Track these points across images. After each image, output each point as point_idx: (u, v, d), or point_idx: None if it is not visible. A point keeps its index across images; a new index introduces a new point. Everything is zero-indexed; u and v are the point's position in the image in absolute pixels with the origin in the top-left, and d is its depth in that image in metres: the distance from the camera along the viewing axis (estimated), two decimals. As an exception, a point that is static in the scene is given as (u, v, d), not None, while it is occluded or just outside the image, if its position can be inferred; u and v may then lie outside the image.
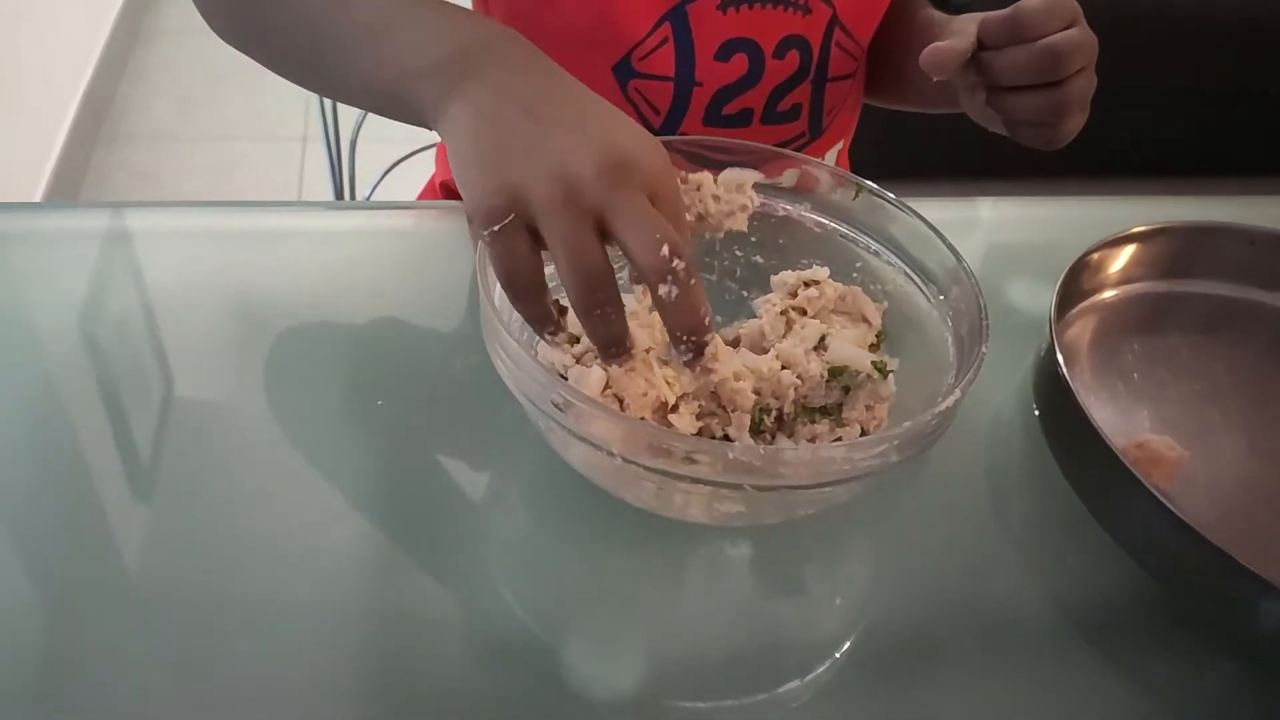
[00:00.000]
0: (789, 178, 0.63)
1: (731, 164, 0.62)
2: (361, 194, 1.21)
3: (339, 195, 1.17)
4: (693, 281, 0.44)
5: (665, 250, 0.43)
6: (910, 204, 0.60)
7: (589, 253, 0.43)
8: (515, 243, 0.44)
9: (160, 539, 0.53)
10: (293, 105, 2.19)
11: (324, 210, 0.84)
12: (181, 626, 0.50)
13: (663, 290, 0.44)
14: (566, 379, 0.53)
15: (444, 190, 0.91)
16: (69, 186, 2.02)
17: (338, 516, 0.55)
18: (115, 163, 2.15)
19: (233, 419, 0.59)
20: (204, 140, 2.23)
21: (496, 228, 0.44)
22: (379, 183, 1.16)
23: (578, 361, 0.53)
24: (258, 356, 0.63)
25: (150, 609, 0.51)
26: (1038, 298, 0.65)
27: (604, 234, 0.44)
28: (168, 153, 2.20)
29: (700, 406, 0.54)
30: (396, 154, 1.16)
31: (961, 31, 0.63)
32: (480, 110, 0.47)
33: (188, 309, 0.66)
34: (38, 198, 1.88)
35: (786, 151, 0.62)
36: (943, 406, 0.47)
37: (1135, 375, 0.67)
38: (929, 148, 1.63)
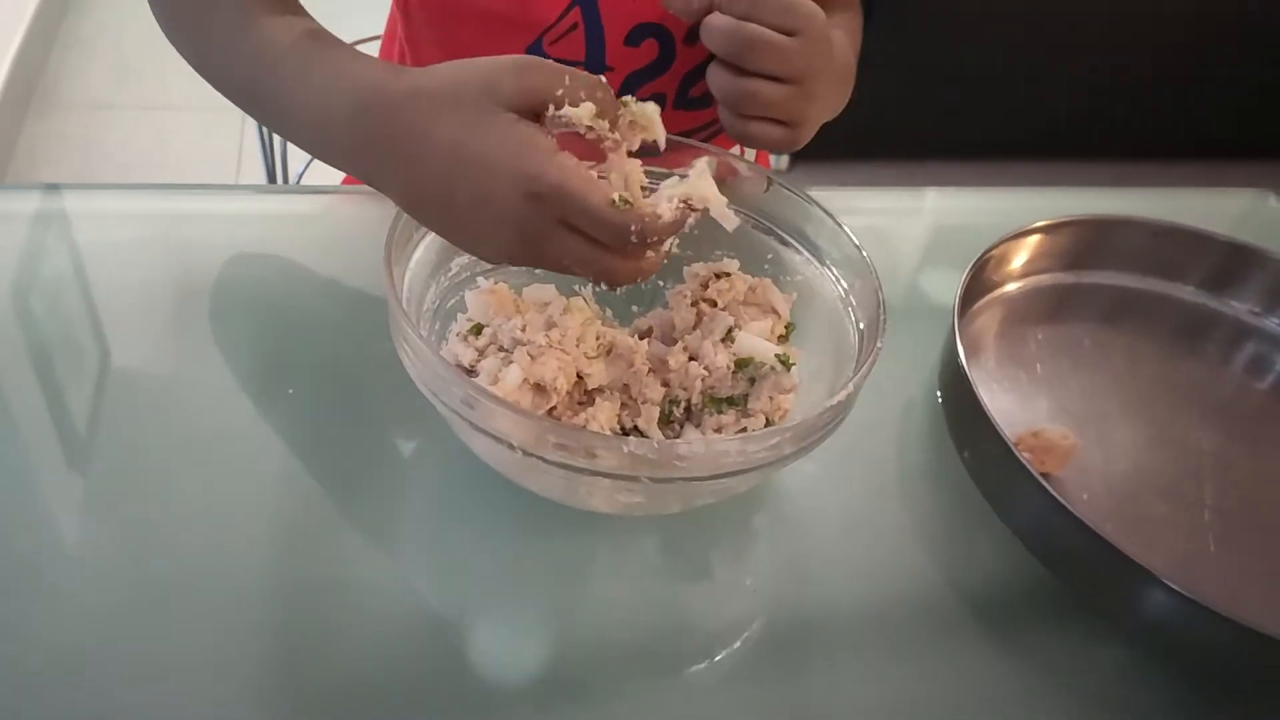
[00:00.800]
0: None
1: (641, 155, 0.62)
2: (295, 169, 1.20)
3: (270, 172, 1.15)
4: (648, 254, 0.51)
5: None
6: (831, 198, 0.61)
7: (573, 256, 0.50)
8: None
9: (76, 513, 0.54)
10: (232, 75, 2.14)
11: (254, 193, 0.84)
12: (93, 591, 0.51)
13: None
14: (472, 372, 0.54)
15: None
16: (0, 154, 1.98)
17: (245, 502, 0.55)
18: (48, 132, 2.11)
19: (151, 401, 0.60)
20: (140, 109, 2.19)
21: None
22: (312, 160, 1.16)
23: (481, 355, 0.54)
24: (182, 339, 0.64)
25: (70, 578, 0.51)
26: (953, 287, 0.66)
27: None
28: (103, 122, 2.15)
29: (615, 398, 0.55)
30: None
31: None
32: (407, 204, 0.53)
33: (114, 291, 0.66)
34: (-34, 168, 1.84)
35: (694, 142, 0.63)
36: (834, 401, 0.49)
37: (1038, 365, 0.69)
38: (867, 129, 1.64)
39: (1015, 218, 0.72)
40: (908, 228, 0.83)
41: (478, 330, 0.55)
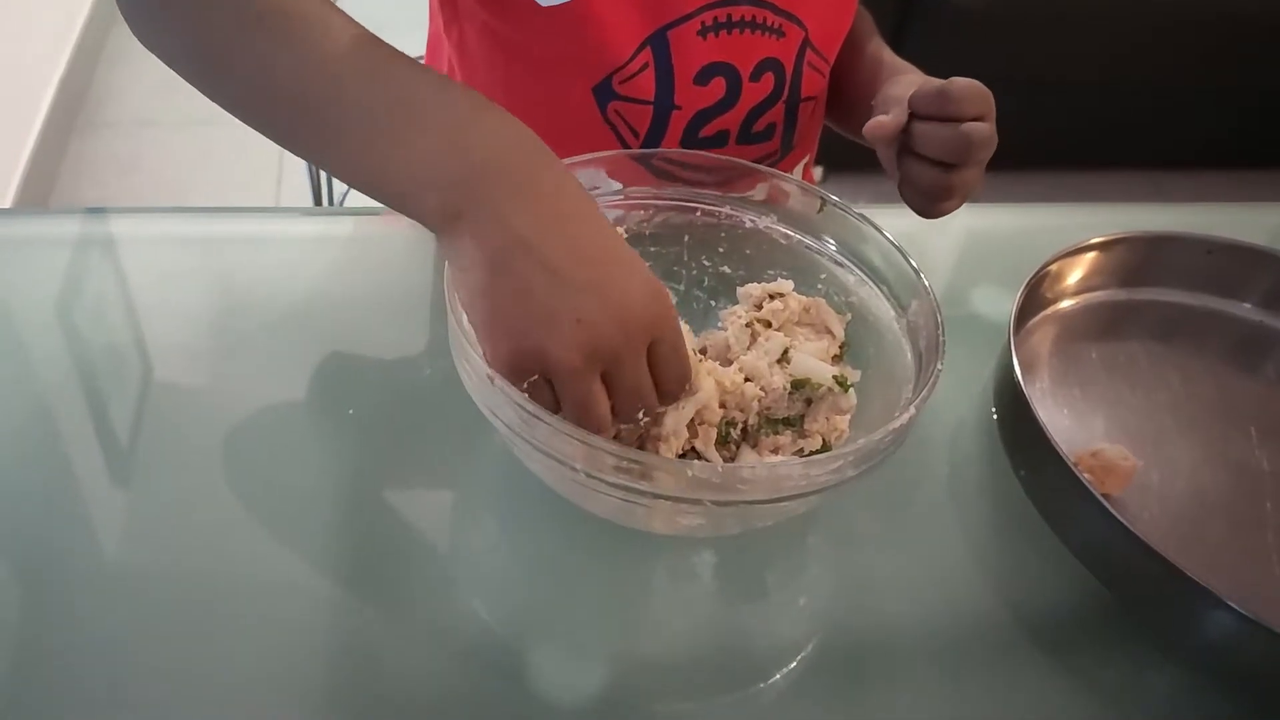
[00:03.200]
0: (758, 190, 0.64)
1: (704, 180, 0.63)
2: (340, 188, 1.21)
3: (316, 191, 1.17)
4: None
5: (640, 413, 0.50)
6: (875, 214, 0.61)
7: (597, 410, 0.48)
8: (543, 397, 0.48)
9: (133, 537, 0.55)
10: (272, 91, 2.17)
11: (298, 216, 0.84)
12: (152, 617, 0.51)
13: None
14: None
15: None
16: (46, 174, 2.01)
17: (306, 523, 0.56)
18: (92, 149, 2.14)
19: (206, 426, 0.60)
20: (183, 126, 2.22)
21: (525, 386, 0.48)
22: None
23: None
24: (232, 362, 0.64)
25: (124, 600, 0.52)
26: (1004, 304, 0.66)
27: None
28: (146, 139, 2.18)
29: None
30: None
31: (899, 99, 0.65)
32: (492, 258, 0.47)
33: (162, 315, 0.66)
34: (13, 185, 1.87)
35: (757, 166, 0.63)
36: (896, 424, 0.49)
37: (1094, 383, 0.68)
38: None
39: (1054, 234, 0.72)
40: (946, 243, 0.83)
41: None
